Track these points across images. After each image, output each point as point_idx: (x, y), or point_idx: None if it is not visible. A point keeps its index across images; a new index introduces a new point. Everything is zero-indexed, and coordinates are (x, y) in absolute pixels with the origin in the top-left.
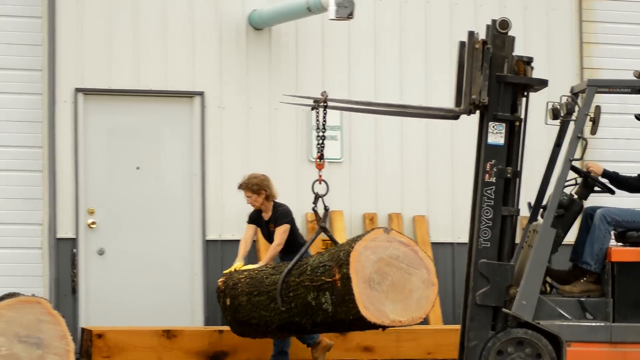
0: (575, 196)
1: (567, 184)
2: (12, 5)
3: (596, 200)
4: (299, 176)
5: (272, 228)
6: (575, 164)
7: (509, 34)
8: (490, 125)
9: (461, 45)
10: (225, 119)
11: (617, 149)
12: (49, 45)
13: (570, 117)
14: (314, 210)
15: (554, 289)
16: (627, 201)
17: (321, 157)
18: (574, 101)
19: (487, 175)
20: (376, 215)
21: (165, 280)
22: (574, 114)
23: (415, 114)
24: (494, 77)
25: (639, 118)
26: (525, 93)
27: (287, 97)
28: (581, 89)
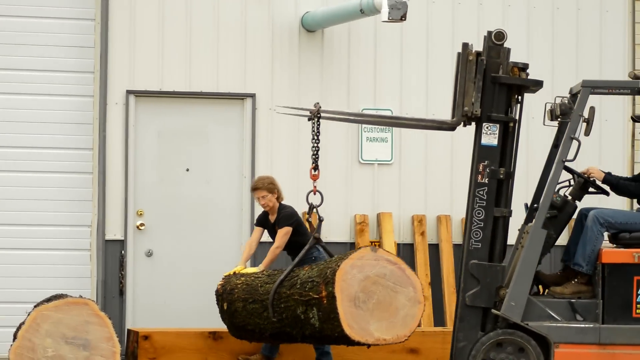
0: (569, 197)
1: (561, 185)
2: (65, 7)
3: (590, 202)
4: (348, 178)
5: (277, 229)
6: (572, 166)
7: (505, 45)
8: (484, 126)
9: (458, 56)
10: (276, 121)
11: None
12: (101, 47)
13: (565, 118)
14: (308, 221)
15: (546, 291)
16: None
17: (315, 167)
18: (569, 102)
19: (479, 176)
20: (425, 217)
21: (213, 282)
22: (569, 114)
23: (408, 125)
24: (488, 84)
25: (635, 120)
26: (519, 95)
27: (282, 107)
28: (578, 90)
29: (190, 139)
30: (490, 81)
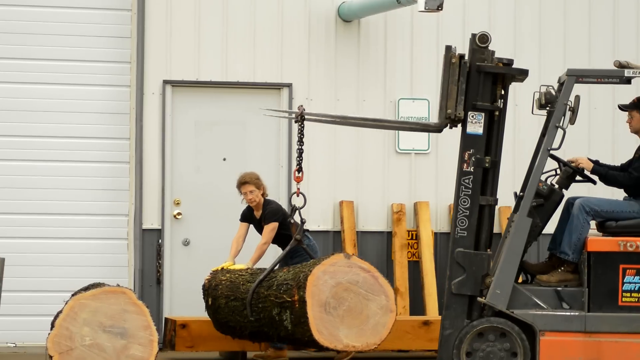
0: (556, 186)
1: (548, 174)
2: None
3: (579, 191)
4: (385, 167)
5: (264, 225)
6: (559, 155)
7: (489, 47)
8: (469, 115)
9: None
10: (313, 110)
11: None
12: (138, 37)
13: (550, 107)
14: (290, 222)
15: (532, 279)
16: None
17: (299, 169)
18: (554, 91)
19: (465, 165)
20: None
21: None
22: (554, 103)
23: (393, 127)
24: (473, 74)
25: (622, 108)
26: (504, 85)
27: (267, 110)
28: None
29: (226, 128)
30: (475, 70)
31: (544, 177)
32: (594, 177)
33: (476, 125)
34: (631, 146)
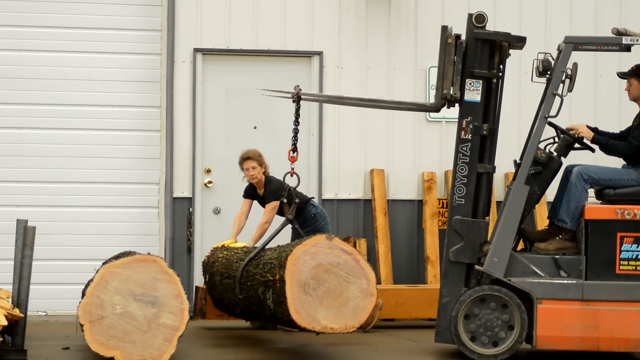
0: (554, 154)
1: (546, 142)
2: None
3: (581, 159)
4: (416, 136)
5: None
6: (562, 122)
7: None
8: (467, 83)
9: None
10: (344, 79)
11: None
12: (168, 5)
13: (548, 74)
14: (283, 202)
15: (531, 247)
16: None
17: (294, 149)
18: (551, 58)
19: (463, 132)
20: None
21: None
22: (551, 70)
23: (390, 107)
24: (470, 41)
25: (620, 76)
26: (502, 52)
27: (264, 90)
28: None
29: (257, 96)
30: (473, 38)
31: (542, 145)
32: (594, 146)
33: (474, 93)
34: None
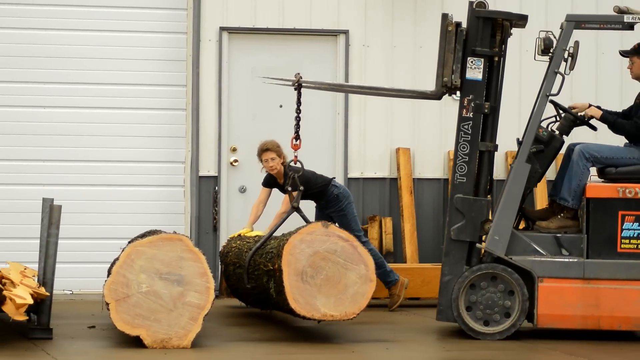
0: (556, 132)
1: (548, 120)
2: None
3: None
4: (442, 114)
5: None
6: (563, 100)
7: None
8: (468, 61)
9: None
10: (370, 57)
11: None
12: None
13: (549, 53)
14: (288, 190)
15: (532, 226)
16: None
17: (297, 137)
18: (553, 36)
19: (464, 110)
20: None
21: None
22: (553, 49)
23: (390, 95)
24: (472, 19)
25: (623, 54)
26: (503, 30)
27: (265, 78)
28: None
29: (283, 75)
30: (475, 16)
31: (545, 124)
32: (598, 124)
33: (475, 71)
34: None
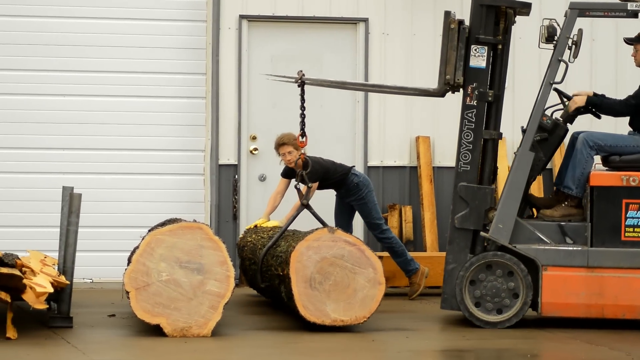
0: (560, 120)
1: (553, 108)
2: None
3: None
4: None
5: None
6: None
7: None
8: (472, 49)
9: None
10: (389, 46)
11: None
12: None
13: (553, 40)
14: (296, 187)
15: (537, 213)
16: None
17: (303, 134)
18: (556, 24)
19: (468, 99)
20: None
21: (326, 205)
22: (556, 36)
23: (392, 92)
24: (475, 5)
25: (627, 41)
26: (507, 18)
27: (267, 75)
28: None
29: (302, 63)
30: (478, 4)
31: (549, 112)
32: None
33: (479, 59)
34: (635, 78)
